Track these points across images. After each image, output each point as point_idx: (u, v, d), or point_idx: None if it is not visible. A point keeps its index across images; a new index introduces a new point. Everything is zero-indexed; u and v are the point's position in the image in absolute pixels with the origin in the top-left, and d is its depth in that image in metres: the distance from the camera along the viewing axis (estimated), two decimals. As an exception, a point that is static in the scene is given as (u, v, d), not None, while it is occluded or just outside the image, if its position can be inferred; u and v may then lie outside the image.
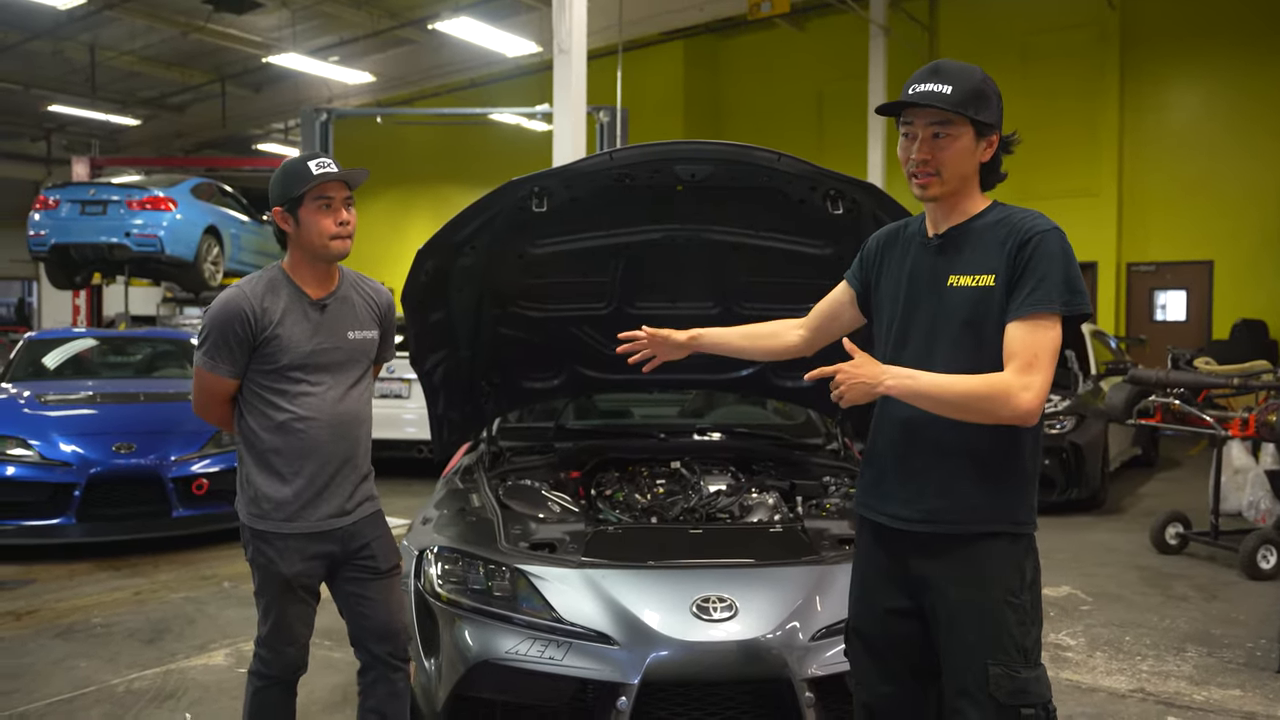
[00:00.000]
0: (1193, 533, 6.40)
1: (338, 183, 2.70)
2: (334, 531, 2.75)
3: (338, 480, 2.75)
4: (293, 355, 2.69)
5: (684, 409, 5.13)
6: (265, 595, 2.74)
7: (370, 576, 2.82)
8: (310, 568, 2.74)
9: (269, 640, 2.75)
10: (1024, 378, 1.95)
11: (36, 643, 4.60)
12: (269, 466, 2.71)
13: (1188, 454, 10.91)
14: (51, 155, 24.61)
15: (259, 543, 2.72)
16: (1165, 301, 14.70)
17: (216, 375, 2.69)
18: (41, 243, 11.27)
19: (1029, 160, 14.85)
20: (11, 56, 17.70)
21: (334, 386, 2.75)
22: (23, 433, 6.32)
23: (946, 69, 2.08)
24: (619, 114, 10.86)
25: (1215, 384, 6.17)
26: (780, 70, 17.02)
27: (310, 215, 2.68)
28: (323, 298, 2.76)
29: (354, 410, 2.80)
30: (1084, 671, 4.27)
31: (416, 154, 20.57)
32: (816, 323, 2.45)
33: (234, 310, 2.66)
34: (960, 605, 2.07)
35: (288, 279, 2.75)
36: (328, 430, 2.72)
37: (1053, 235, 2.02)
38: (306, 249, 2.72)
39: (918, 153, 2.08)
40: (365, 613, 2.82)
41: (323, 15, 16.47)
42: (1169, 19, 14.07)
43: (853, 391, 1.97)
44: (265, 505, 2.70)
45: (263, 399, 2.71)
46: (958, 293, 2.08)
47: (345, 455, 2.76)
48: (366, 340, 2.84)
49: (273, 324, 2.67)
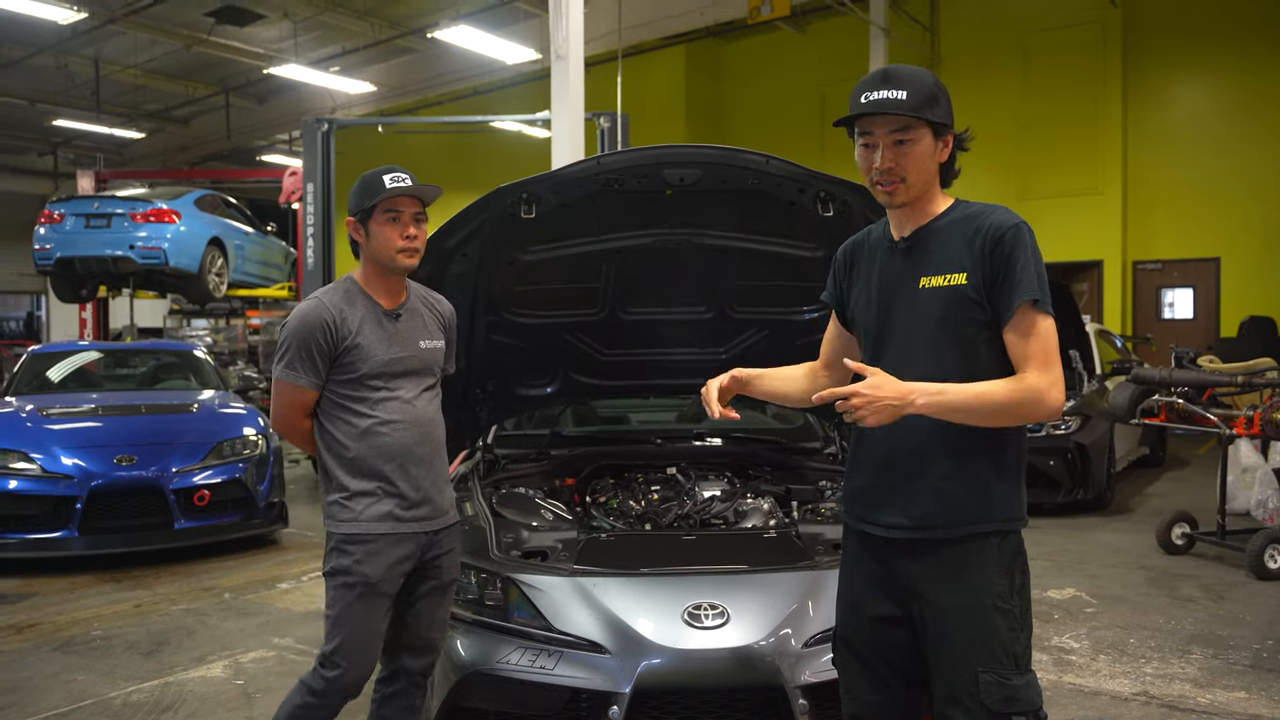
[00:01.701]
0: (1199, 533, 6.34)
1: (409, 197, 2.74)
2: (425, 533, 2.74)
3: (427, 482, 2.76)
4: (372, 364, 2.72)
5: (682, 414, 5.11)
6: (342, 602, 2.66)
7: (430, 588, 2.79)
8: (396, 572, 2.70)
9: (339, 652, 2.63)
10: (1047, 375, 1.98)
11: (36, 656, 4.59)
12: (359, 471, 2.69)
13: (1196, 453, 10.84)
14: (58, 170, 24.75)
15: (349, 545, 2.66)
16: (1173, 299, 14.61)
17: (298, 386, 2.70)
18: (47, 256, 11.31)
19: (1032, 159, 14.87)
20: (17, 72, 17.79)
21: (414, 391, 2.78)
22: (25, 446, 6.33)
23: (898, 74, 2.08)
24: (619, 119, 10.85)
25: (1219, 382, 6.11)
26: (782, 73, 17.00)
27: (379, 227, 2.72)
28: (395, 308, 2.80)
29: (431, 414, 2.83)
30: (1087, 675, 4.23)
31: (420, 163, 20.54)
32: (834, 359, 2.36)
33: (315, 321, 2.68)
34: (949, 612, 2.04)
35: (361, 290, 2.79)
36: (413, 433, 2.74)
37: (1023, 229, 2.04)
38: (375, 260, 2.77)
39: (881, 161, 2.07)
40: (409, 623, 2.79)
41: (324, 26, 16.51)
42: (1171, 15, 14.01)
43: (879, 414, 1.92)
44: (356, 508, 2.68)
45: (345, 408, 2.72)
46: (929, 293, 2.09)
47: (432, 458, 2.79)
48: (436, 349, 2.87)
49: (352, 334, 2.71)
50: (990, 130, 14.89)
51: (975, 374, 2.02)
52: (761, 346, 4.03)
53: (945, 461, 2.06)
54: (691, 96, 17.62)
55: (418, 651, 2.81)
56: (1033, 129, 14.74)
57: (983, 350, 2.06)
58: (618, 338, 4.02)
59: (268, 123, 21.56)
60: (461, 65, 16.73)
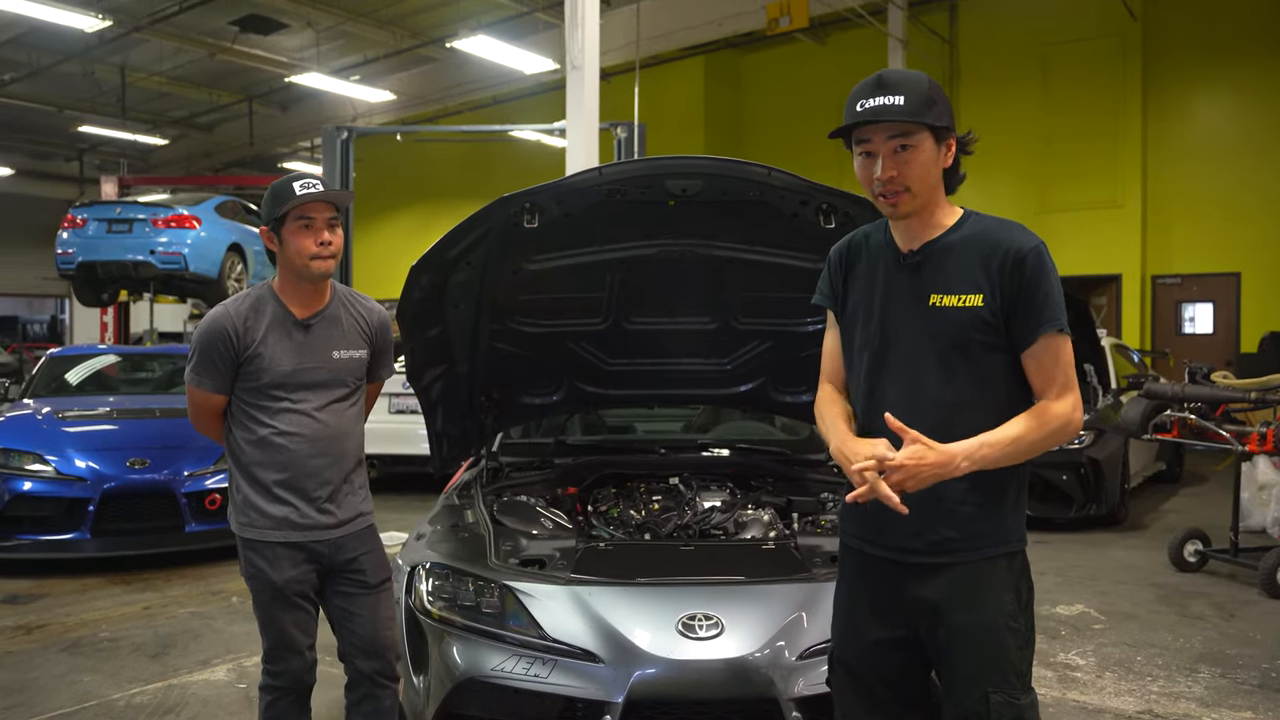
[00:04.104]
0: (1212, 550, 6.28)
1: (322, 203, 2.71)
2: (321, 543, 2.77)
3: (320, 494, 2.77)
4: (273, 374, 2.73)
5: (689, 424, 5.10)
6: (261, 607, 2.77)
7: (358, 591, 2.84)
8: (302, 574, 2.75)
9: (272, 653, 2.77)
10: (1069, 398, 1.99)
11: (43, 656, 4.64)
12: (253, 478, 2.76)
13: (1214, 469, 10.72)
14: (84, 175, 25.09)
15: (249, 552, 2.76)
16: (1193, 314, 14.49)
17: (203, 391, 2.77)
18: (69, 261, 11.45)
19: (1051, 172, 14.80)
20: (45, 79, 18.07)
21: (318, 404, 2.77)
22: (40, 448, 6.41)
23: (893, 80, 1.99)
24: (637, 129, 10.89)
25: (1232, 398, 6.06)
26: (801, 85, 17.00)
27: (292, 235, 2.70)
28: (308, 317, 2.78)
29: (339, 427, 2.82)
30: (1091, 692, 4.19)
31: (440, 171, 20.74)
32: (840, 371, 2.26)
33: (217, 329, 2.73)
34: (963, 632, 2.01)
35: (275, 298, 2.78)
36: (309, 446, 2.75)
37: (1043, 252, 1.99)
38: (289, 268, 2.75)
39: (883, 170, 1.98)
40: (352, 628, 2.84)
41: (346, 35, 16.69)
42: (1192, 29, 13.93)
43: (920, 484, 1.89)
44: (252, 514, 2.75)
45: (247, 414, 2.76)
46: (942, 313, 2.01)
47: (328, 471, 2.78)
48: (354, 360, 2.85)
49: (255, 343, 2.72)
50: (1009, 143, 14.84)
51: (988, 393, 2.00)
52: (765, 358, 4.03)
53: (960, 485, 1.99)
54: (710, 107, 17.65)
55: (368, 654, 2.84)
56: (1052, 142, 14.67)
57: (996, 369, 2.01)
58: (622, 347, 4.03)
59: (290, 130, 21.80)
60: (481, 75, 16.84)
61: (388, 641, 2.90)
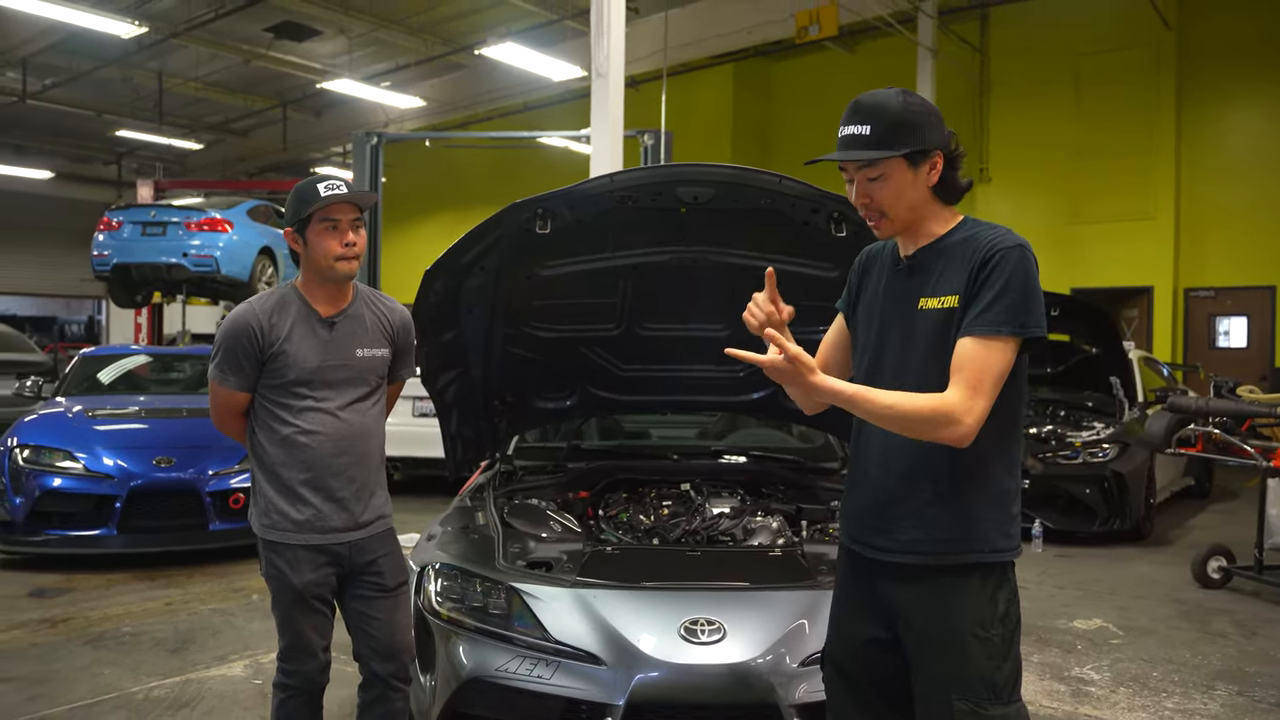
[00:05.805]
0: (1236, 567, 6.19)
1: (346, 204, 2.75)
2: (342, 545, 2.80)
3: (344, 494, 2.79)
4: (299, 371, 2.75)
5: (703, 431, 5.12)
6: (280, 607, 2.80)
7: (376, 593, 2.86)
8: (321, 577, 2.78)
9: (287, 653, 2.80)
10: (968, 400, 1.91)
11: (66, 649, 4.73)
12: (277, 479, 2.78)
13: (1245, 485, 10.54)
14: (122, 179, 25.53)
15: (270, 554, 2.79)
16: (1227, 328, 14.27)
17: (226, 389, 2.79)
18: (104, 262, 11.66)
19: (1083, 184, 14.65)
20: (84, 84, 18.42)
21: (341, 402, 2.80)
22: (70, 445, 6.54)
23: (862, 105, 2.02)
24: (663, 137, 10.92)
25: (1257, 413, 5.98)
26: (831, 93, 16.87)
27: (316, 236, 2.74)
28: (332, 315, 2.82)
29: (361, 426, 2.84)
30: (1104, 708, 4.15)
31: (469, 176, 20.90)
32: (828, 362, 2.29)
33: (242, 326, 2.75)
34: (926, 636, 2.03)
35: (299, 296, 2.82)
36: (332, 445, 2.78)
37: (1015, 252, 1.96)
38: (314, 269, 2.79)
39: (856, 198, 2.06)
40: (369, 630, 2.87)
41: (378, 42, 16.88)
42: (1226, 39, 13.74)
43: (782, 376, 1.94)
44: (274, 516, 2.77)
45: (270, 413, 2.79)
46: (925, 316, 2.05)
47: (352, 470, 2.81)
48: (376, 358, 2.88)
49: (279, 340, 2.75)
50: (1041, 154, 14.73)
51: None
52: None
53: (931, 487, 2.03)
54: (739, 115, 17.65)
55: (384, 657, 2.86)
56: (1084, 152, 14.52)
57: None
58: (635, 353, 4.05)
59: (322, 135, 22.06)
60: (509, 82, 16.97)
61: (404, 644, 2.93)
